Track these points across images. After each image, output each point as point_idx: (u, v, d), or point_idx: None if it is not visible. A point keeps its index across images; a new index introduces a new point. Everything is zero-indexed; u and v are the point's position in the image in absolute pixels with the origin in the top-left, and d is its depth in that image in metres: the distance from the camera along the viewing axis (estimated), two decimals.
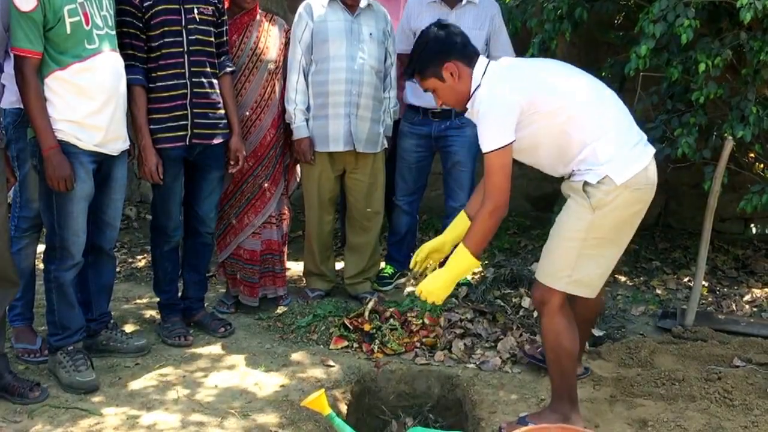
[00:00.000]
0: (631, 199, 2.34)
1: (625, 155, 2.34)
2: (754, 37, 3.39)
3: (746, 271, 4.37)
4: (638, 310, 3.74)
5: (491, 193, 2.36)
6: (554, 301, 2.44)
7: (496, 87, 2.38)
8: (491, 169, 2.36)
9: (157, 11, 2.95)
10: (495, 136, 2.33)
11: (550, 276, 2.44)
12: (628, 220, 2.40)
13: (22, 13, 2.52)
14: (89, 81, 2.65)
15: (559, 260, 2.42)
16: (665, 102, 3.82)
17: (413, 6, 3.78)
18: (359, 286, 3.77)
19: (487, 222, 2.38)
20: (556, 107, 2.35)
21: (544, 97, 2.36)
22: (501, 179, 2.35)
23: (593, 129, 2.36)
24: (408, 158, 3.86)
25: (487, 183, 2.38)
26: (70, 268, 2.80)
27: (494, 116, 2.35)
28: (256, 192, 3.47)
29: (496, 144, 2.33)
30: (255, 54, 3.38)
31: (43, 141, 2.60)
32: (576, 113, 2.36)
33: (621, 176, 2.30)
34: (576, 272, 2.39)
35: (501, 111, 2.34)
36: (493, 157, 2.34)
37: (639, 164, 2.35)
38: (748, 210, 3.53)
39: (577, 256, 2.38)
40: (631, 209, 2.37)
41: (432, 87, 2.51)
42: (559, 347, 2.46)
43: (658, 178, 2.28)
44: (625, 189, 2.31)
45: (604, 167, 2.32)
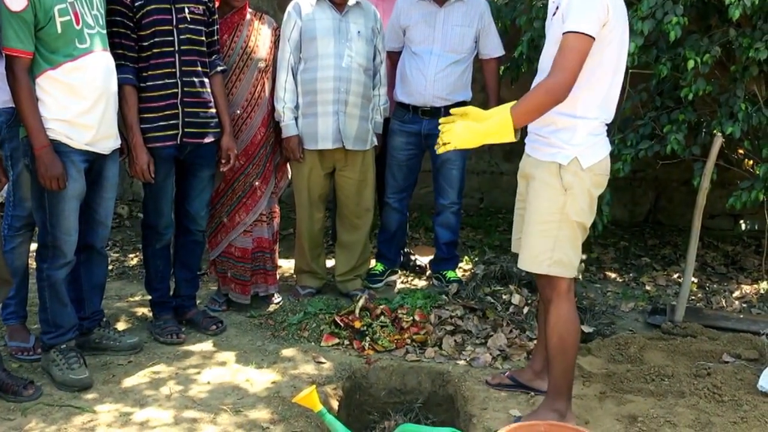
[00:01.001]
0: (595, 182, 2.44)
1: (594, 142, 2.42)
2: (743, 34, 3.46)
3: (735, 267, 4.44)
4: (628, 306, 3.80)
5: (558, 69, 2.26)
6: (562, 286, 2.50)
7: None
8: (567, 46, 2.25)
9: (148, 11, 2.98)
10: (586, 20, 2.24)
11: (531, 261, 2.51)
12: (593, 202, 2.48)
13: (13, 12, 2.55)
14: (80, 80, 2.69)
15: (538, 244, 2.48)
16: (654, 99, 3.88)
17: (403, 4, 3.83)
18: (350, 284, 3.82)
19: (542, 97, 2.29)
20: (607, 57, 2.32)
21: (614, 46, 2.33)
22: (573, 61, 2.25)
23: (594, 106, 2.38)
24: (398, 156, 3.91)
25: (558, 60, 2.27)
26: (63, 266, 2.84)
27: (592, 5, 2.26)
28: (248, 190, 3.51)
29: (583, 28, 2.24)
30: (245, 53, 3.42)
31: (35, 140, 2.64)
32: (602, 80, 2.35)
33: (587, 161, 2.39)
34: (555, 253, 2.46)
35: (599, 6, 2.27)
36: (574, 39, 2.24)
37: (603, 152, 2.44)
38: (737, 206, 3.60)
39: (555, 238, 2.44)
40: (593, 193, 2.46)
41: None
42: (567, 336, 2.51)
43: (648, 174, 2.36)
44: (589, 172, 2.40)
45: (575, 149, 2.39)
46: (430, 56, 3.73)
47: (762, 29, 3.39)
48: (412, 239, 4.75)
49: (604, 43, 2.32)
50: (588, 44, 2.26)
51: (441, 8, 3.74)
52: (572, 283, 2.55)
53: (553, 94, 2.27)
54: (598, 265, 4.40)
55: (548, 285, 2.54)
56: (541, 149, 2.47)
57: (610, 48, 2.35)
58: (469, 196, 5.27)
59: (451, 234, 3.99)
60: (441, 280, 3.97)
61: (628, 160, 3.69)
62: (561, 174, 2.41)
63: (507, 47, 3.94)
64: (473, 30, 3.75)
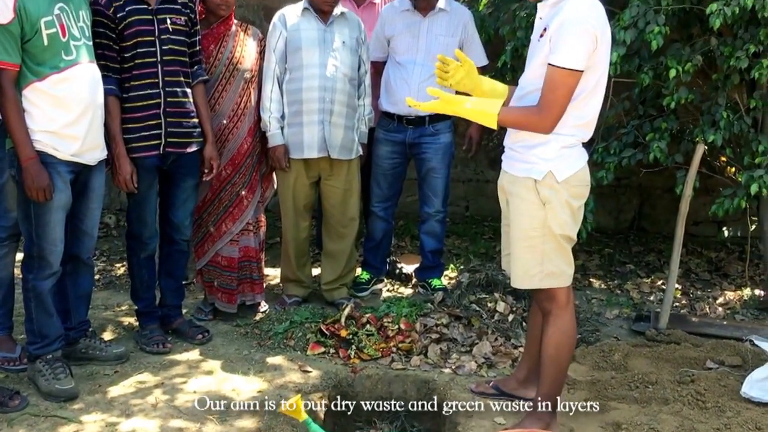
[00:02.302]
0: (573, 194, 2.48)
1: (568, 155, 2.46)
2: (724, 43, 3.53)
3: (719, 274, 4.52)
4: (612, 313, 3.87)
5: (550, 105, 2.33)
6: (560, 297, 2.55)
7: (592, 12, 2.35)
8: (556, 82, 2.32)
9: (129, 22, 3.04)
10: (574, 55, 2.30)
11: (523, 278, 2.56)
12: (575, 214, 2.52)
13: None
14: (67, 91, 2.74)
15: (526, 260, 2.53)
16: (637, 107, 3.96)
17: (387, 14, 3.91)
18: (336, 292, 3.88)
19: (530, 121, 2.38)
20: (588, 82, 2.39)
21: (598, 70, 2.40)
22: (563, 97, 2.33)
23: (571, 126, 2.42)
24: (383, 165, 3.97)
25: (547, 95, 2.34)
26: (48, 277, 2.88)
27: (581, 36, 2.31)
28: (234, 199, 3.56)
29: (571, 63, 2.30)
30: (231, 63, 3.48)
31: (22, 152, 2.68)
32: (581, 103, 2.41)
33: (562, 174, 2.44)
34: (545, 266, 2.51)
35: (589, 36, 2.32)
36: (563, 75, 2.31)
37: (578, 163, 2.48)
38: (719, 214, 3.67)
39: (541, 252, 2.50)
40: (574, 204, 2.50)
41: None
42: (563, 346, 2.56)
43: (632, 182, 2.41)
44: (566, 184, 2.44)
45: (548, 163, 2.43)
46: (414, 66, 3.80)
47: (743, 38, 3.47)
48: (398, 247, 4.81)
49: (588, 70, 2.37)
50: (576, 79, 2.34)
51: (425, 18, 3.81)
52: (570, 293, 2.60)
53: (541, 128, 2.39)
54: (583, 273, 4.47)
55: (546, 298, 2.58)
56: (516, 165, 2.53)
57: (593, 73, 2.40)
58: (454, 204, 5.34)
59: (436, 242, 4.06)
60: (426, 289, 4.03)
61: (612, 168, 3.77)
62: (537, 189, 2.45)
63: (491, 56, 4.02)
64: (457, 40, 3.83)
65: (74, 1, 2.82)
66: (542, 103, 2.36)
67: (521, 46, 3.84)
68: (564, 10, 2.35)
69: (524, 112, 2.43)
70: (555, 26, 2.35)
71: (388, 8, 3.97)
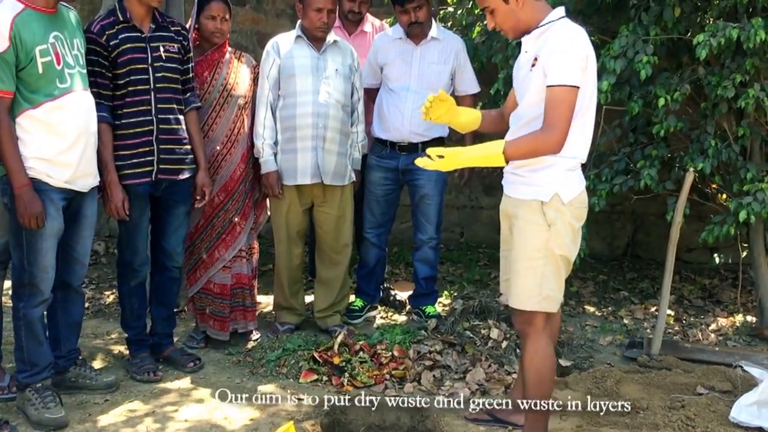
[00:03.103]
0: (576, 215, 2.56)
1: (571, 177, 2.56)
2: (711, 73, 3.62)
3: (712, 301, 4.56)
4: (606, 340, 3.90)
5: (556, 123, 2.39)
6: (538, 321, 2.61)
7: (578, 35, 2.46)
8: (558, 99, 2.40)
9: (123, 50, 3.09)
10: (570, 72, 2.39)
11: (522, 299, 2.61)
12: (576, 235, 2.60)
13: None
14: (60, 119, 2.78)
15: (526, 282, 2.59)
16: (628, 135, 4.03)
17: (380, 42, 3.98)
18: (329, 320, 3.89)
19: (538, 145, 2.44)
20: (582, 102, 2.47)
21: (588, 90, 2.49)
22: (565, 114, 2.40)
23: (571, 146, 2.49)
24: (376, 191, 4.02)
25: (551, 114, 2.41)
26: (39, 304, 2.89)
27: (573, 55, 2.41)
28: (227, 226, 3.59)
29: (570, 80, 2.39)
30: (225, 90, 3.53)
31: (15, 179, 2.71)
32: (577, 122, 2.49)
33: (567, 195, 2.52)
34: (543, 289, 2.57)
35: (579, 55, 2.43)
36: (563, 92, 2.39)
37: (580, 186, 2.59)
38: (709, 241, 3.72)
39: (541, 275, 2.56)
40: (575, 225, 2.58)
41: (491, 6, 2.53)
42: (543, 369, 2.61)
43: (626, 208, 2.47)
44: (570, 206, 2.53)
45: (555, 185, 2.52)
46: (407, 93, 3.87)
47: (729, 68, 3.55)
48: (392, 274, 4.83)
49: (581, 88, 2.46)
50: (575, 94, 2.43)
51: (417, 47, 3.89)
52: (548, 318, 2.65)
53: (551, 149, 2.44)
54: (577, 299, 4.50)
55: (525, 320, 2.63)
56: (521, 188, 2.59)
57: (584, 93, 2.49)
58: (449, 231, 5.38)
59: (429, 269, 4.09)
60: (420, 316, 4.05)
61: (603, 195, 3.82)
62: (544, 211, 2.52)
63: (484, 84, 4.09)
64: (449, 67, 3.90)
65: (69, 30, 2.87)
66: (547, 123, 2.43)
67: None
68: (551, 39, 2.47)
69: (530, 138, 2.49)
70: (545, 53, 2.45)
71: (381, 36, 4.04)
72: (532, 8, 2.51)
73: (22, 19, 2.68)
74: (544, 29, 2.51)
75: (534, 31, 2.53)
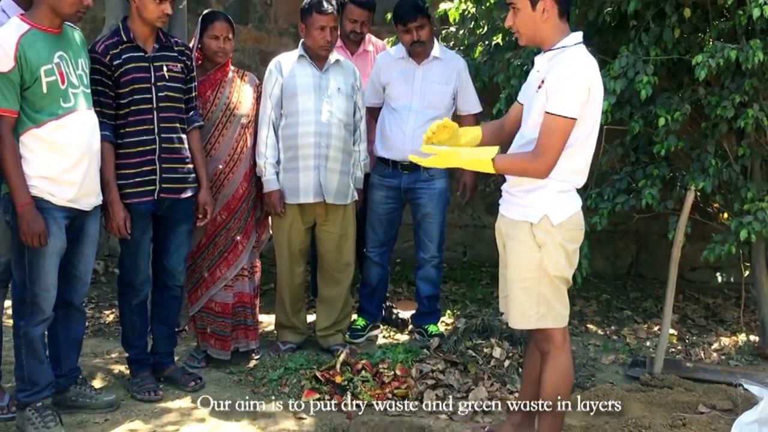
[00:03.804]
0: (568, 237, 2.59)
1: (562, 199, 2.59)
2: (711, 93, 3.65)
3: (716, 320, 4.58)
4: (608, 359, 3.91)
5: (546, 150, 2.46)
6: (556, 337, 2.65)
7: (586, 65, 2.52)
8: (551, 128, 2.46)
9: (126, 69, 3.13)
10: (570, 103, 2.45)
11: (520, 318, 2.66)
12: (570, 256, 2.62)
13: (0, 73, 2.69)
14: (64, 138, 2.82)
15: (523, 301, 2.63)
16: (629, 154, 4.06)
17: (382, 61, 4.03)
18: (331, 339, 3.91)
19: (526, 166, 2.52)
20: (581, 131, 2.52)
21: (590, 120, 2.54)
22: (558, 142, 2.46)
23: (566, 172, 2.55)
24: (378, 210, 4.05)
25: (543, 141, 2.47)
26: (40, 323, 2.91)
27: (575, 87, 2.46)
28: (229, 245, 3.62)
29: (568, 111, 2.45)
30: (228, 109, 3.58)
31: (18, 197, 2.74)
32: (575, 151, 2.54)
33: (557, 218, 2.56)
34: (541, 308, 2.61)
35: (582, 87, 2.47)
36: (559, 121, 2.45)
37: (573, 208, 2.61)
38: (711, 259, 3.74)
39: (537, 294, 2.60)
40: (569, 247, 2.60)
41: (518, 5, 2.56)
42: (560, 386, 2.65)
43: (629, 227, 2.51)
44: (560, 228, 2.56)
45: (544, 207, 2.55)
46: (408, 112, 3.91)
47: (729, 88, 3.59)
48: (395, 293, 4.85)
49: (581, 120, 2.51)
50: (570, 126, 2.48)
51: (419, 66, 3.94)
52: (566, 333, 2.69)
53: (537, 173, 2.52)
54: (580, 318, 4.52)
55: (543, 338, 2.68)
56: (513, 209, 2.65)
57: (585, 123, 2.54)
58: (451, 250, 5.40)
59: (432, 288, 4.11)
60: (423, 335, 4.06)
61: (605, 213, 3.84)
62: (533, 232, 2.57)
63: (486, 104, 4.14)
64: (451, 87, 3.95)
65: (73, 50, 2.92)
66: (538, 148, 2.49)
67: (515, 94, 3.93)
68: (559, 64, 2.52)
69: (521, 158, 2.57)
70: (551, 79, 2.51)
71: (383, 56, 4.10)
72: (554, 26, 2.56)
73: (27, 39, 2.72)
74: (558, 53, 2.56)
75: (548, 53, 2.58)
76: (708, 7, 3.69)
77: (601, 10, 3.95)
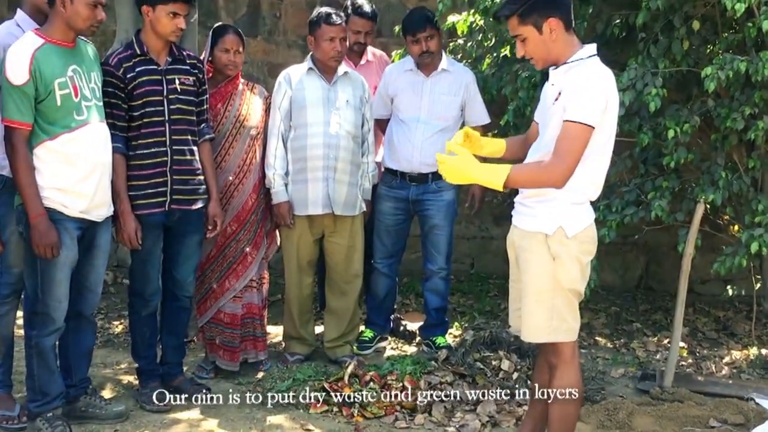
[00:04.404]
0: (582, 249, 2.60)
1: (577, 211, 2.60)
2: (721, 105, 3.67)
3: (726, 333, 4.58)
4: (618, 372, 3.92)
5: (564, 156, 2.44)
6: (565, 351, 2.66)
7: (603, 76, 2.53)
8: (571, 135, 2.44)
9: (139, 82, 3.19)
10: (589, 112, 2.45)
11: (534, 331, 2.67)
12: (584, 269, 2.64)
13: (14, 86, 2.76)
14: (77, 150, 2.88)
15: (536, 314, 2.63)
16: (638, 166, 4.09)
17: (390, 74, 4.09)
18: (339, 350, 3.94)
19: (543, 176, 2.49)
20: (597, 142, 2.52)
21: (606, 132, 2.55)
22: (575, 150, 2.44)
23: (581, 183, 2.55)
24: (386, 221, 4.09)
25: (561, 147, 2.45)
26: (52, 333, 2.96)
27: (593, 96, 2.46)
28: (238, 256, 3.67)
29: (587, 119, 2.44)
30: (238, 121, 3.64)
31: (31, 208, 2.80)
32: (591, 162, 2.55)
33: (572, 229, 2.56)
34: (554, 321, 2.62)
35: (601, 96, 2.48)
36: (579, 129, 2.44)
37: (587, 220, 2.63)
38: (721, 272, 3.74)
39: (551, 306, 2.60)
40: (584, 259, 2.62)
41: (524, 35, 2.57)
42: (570, 401, 2.64)
43: (639, 239, 2.52)
44: (575, 240, 2.57)
45: (559, 218, 2.56)
46: (417, 124, 3.96)
47: (739, 100, 3.61)
48: (403, 305, 4.88)
49: (599, 129, 2.51)
50: (589, 134, 2.47)
51: (428, 78, 3.99)
52: (576, 347, 2.71)
53: (554, 181, 2.49)
54: (589, 331, 4.53)
55: (552, 351, 2.68)
56: (527, 220, 2.65)
57: (602, 134, 2.54)
58: (459, 262, 5.43)
59: (440, 299, 4.14)
60: (431, 346, 4.09)
61: (614, 225, 3.85)
62: (548, 243, 2.57)
63: (494, 115, 4.18)
64: (459, 99, 4.00)
65: (87, 63, 2.99)
66: (556, 156, 2.47)
67: (523, 106, 4.00)
68: (576, 76, 2.53)
69: (536, 167, 2.56)
70: (569, 90, 2.51)
71: (391, 68, 4.16)
72: (564, 42, 2.57)
73: (42, 53, 2.79)
74: (573, 65, 2.57)
75: (562, 66, 2.59)
76: (717, 20, 3.72)
77: (609, 23, 4.00)
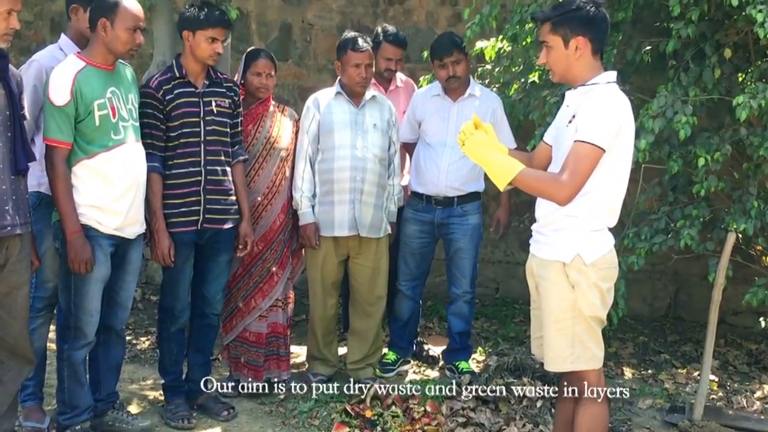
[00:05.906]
0: (602, 276, 2.67)
1: (595, 238, 2.67)
2: (753, 133, 3.71)
3: (758, 366, 4.57)
4: (645, 403, 3.95)
5: (571, 175, 2.51)
6: (591, 379, 2.72)
7: (619, 102, 2.61)
8: (580, 154, 2.52)
9: (178, 104, 3.37)
10: (601, 134, 2.52)
11: (556, 361, 2.73)
12: (605, 296, 2.70)
13: (56, 107, 2.95)
14: (113, 169, 3.06)
15: (558, 343, 2.70)
16: (668, 193, 4.13)
17: (418, 99, 4.24)
18: (362, 372, 4.04)
19: (549, 188, 2.55)
20: (612, 168, 2.61)
21: (622, 157, 2.64)
22: (584, 170, 2.52)
23: (598, 211, 2.63)
24: (411, 244, 4.20)
25: (570, 165, 2.52)
26: (83, 347, 3.12)
27: (606, 119, 2.55)
28: (265, 275, 3.80)
29: (599, 141, 2.52)
30: (269, 142, 3.80)
31: (68, 225, 2.97)
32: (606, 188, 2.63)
33: (590, 257, 2.63)
34: (576, 349, 2.68)
35: (614, 121, 2.57)
36: (588, 149, 2.52)
37: (606, 246, 2.69)
38: (753, 304, 3.77)
39: (572, 335, 2.67)
40: (603, 286, 2.68)
41: (551, 43, 2.65)
42: (595, 429, 2.72)
43: (668, 268, 2.54)
44: (593, 267, 2.64)
45: (576, 246, 2.64)
46: (443, 148, 4.08)
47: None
48: (426, 328, 4.96)
49: (612, 155, 2.59)
50: (599, 155, 2.55)
51: (455, 103, 4.12)
52: (601, 375, 2.76)
53: (559, 197, 2.55)
54: (616, 360, 4.57)
55: (576, 379, 2.74)
56: (544, 248, 2.74)
57: (619, 160, 2.63)
58: (484, 286, 5.51)
59: (463, 324, 4.23)
60: (453, 371, 4.17)
61: (642, 253, 3.89)
62: (566, 272, 2.65)
63: (522, 141, 4.28)
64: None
65: (125, 85, 3.17)
66: (564, 173, 2.54)
67: None
68: (590, 99, 2.62)
69: (545, 176, 2.63)
70: (582, 112, 2.60)
71: (419, 93, 4.29)
72: (586, 64, 2.66)
73: (83, 75, 2.98)
74: (589, 89, 2.65)
75: (580, 88, 2.68)
76: (750, 47, 3.79)
77: (639, 49, 4.09)
